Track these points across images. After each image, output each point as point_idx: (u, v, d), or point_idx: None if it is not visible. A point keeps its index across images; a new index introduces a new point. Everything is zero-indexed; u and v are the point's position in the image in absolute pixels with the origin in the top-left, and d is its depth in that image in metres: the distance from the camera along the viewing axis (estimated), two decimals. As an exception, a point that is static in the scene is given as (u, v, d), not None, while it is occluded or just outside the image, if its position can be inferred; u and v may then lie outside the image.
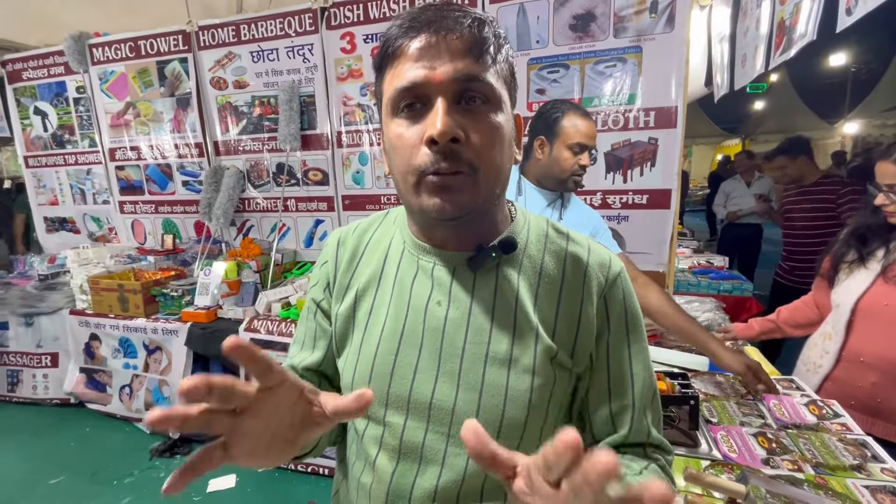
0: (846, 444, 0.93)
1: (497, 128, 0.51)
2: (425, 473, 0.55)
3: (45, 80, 3.31)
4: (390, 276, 0.60)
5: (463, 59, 0.48)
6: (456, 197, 0.50)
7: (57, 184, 3.49)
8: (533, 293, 0.56)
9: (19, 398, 2.98)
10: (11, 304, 2.91)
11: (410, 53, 0.49)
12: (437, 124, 0.47)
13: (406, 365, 0.56)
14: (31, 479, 2.26)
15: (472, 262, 0.56)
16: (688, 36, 1.97)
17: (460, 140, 0.48)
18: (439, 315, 0.55)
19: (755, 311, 2.27)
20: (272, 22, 2.60)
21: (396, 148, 0.51)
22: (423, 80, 0.48)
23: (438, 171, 0.49)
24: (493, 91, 0.50)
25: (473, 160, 0.49)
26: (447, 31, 0.48)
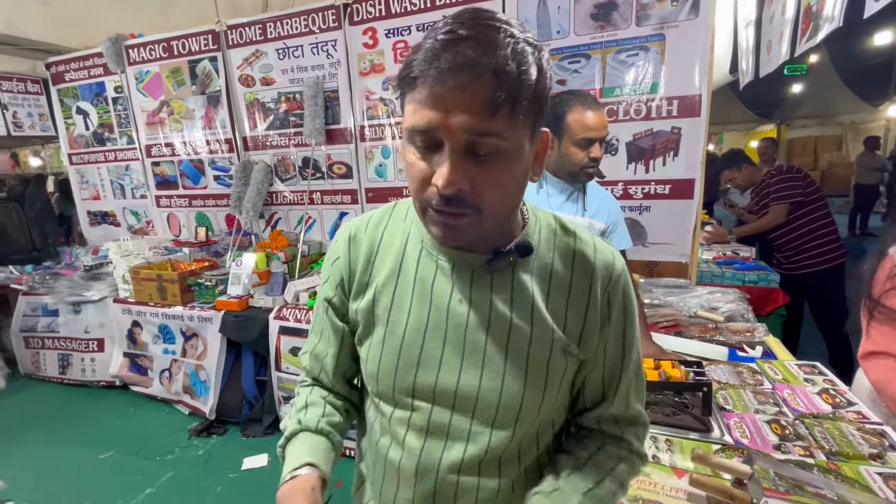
0: (864, 433, 0.93)
1: (508, 177, 0.51)
2: (452, 449, 0.61)
3: (86, 81, 3.49)
4: (409, 273, 0.62)
5: (477, 114, 0.46)
6: (458, 233, 0.53)
7: (98, 179, 3.69)
8: (545, 290, 0.60)
9: (70, 380, 3.21)
10: (61, 292, 3.12)
11: (429, 93, 0.48)
12: (442, 176, 0.48)
13: (431, 358, 0.60)
14: (83, 454, 2.45)
15: (490, 265, 0.59)
16: (713, 22, 1.93)
17: (465, 191, 0.49)
18: (461, 312, 0.59)
19: (781, 302, 2.22)
20: (297, 19, 2.67)
21: (409, 173, 0.53)
22: (435, 126, 0.48)
23: (442, 211, 0.51)
24: (506, 144, 0.49)
25: (479, 204, 0.51)
26: (466, 84, 0.46)
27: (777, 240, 2.73)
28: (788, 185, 2.61)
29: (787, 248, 2.67)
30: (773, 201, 2.64)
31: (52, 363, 3.24)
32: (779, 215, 2.61)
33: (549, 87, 0.52)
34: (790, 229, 2.63)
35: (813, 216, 2.58)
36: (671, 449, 0.90)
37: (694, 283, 2.18)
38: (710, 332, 1.64)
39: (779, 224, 2.64)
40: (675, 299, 1.95)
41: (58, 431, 2.71)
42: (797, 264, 2.63)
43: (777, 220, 2.63)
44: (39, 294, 3.21)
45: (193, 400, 2.74)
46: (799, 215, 2.60)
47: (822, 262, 2.55)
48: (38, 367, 3.29)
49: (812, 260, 2.57)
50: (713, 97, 2.07)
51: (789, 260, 2.67)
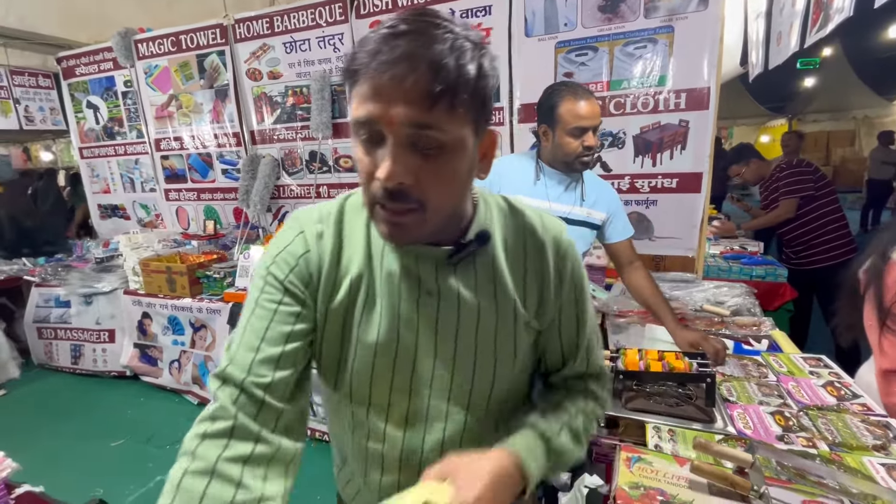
0: (868, 425, 0.93)
1: (450, 171, 0.52)
2: (432, 431, 0.64)
3: (96, 76, 3.52)
4: (377, 270, 0.61)
5: (417, 106, 0.47)
6: (403, 231, 0.53)
7: (109, 173, 3.74)
8: (504, 270, 0.63)
9: (82, 370, 3.27)
10: (73, 284, 3.17)
11: (371, 86, 0.48)
12: (384, 169, 0.49)
13: (406, 354, 0.61)
14: (95, 442, 2.50)
15: (453, 258, 0.60)
16: (722, 13, 1.91)
17: (407, 184, 0.49)
18: (431, 304, 0.61)
19: (789, 297, 2.21)
20: (303, 13, 2.68)
21: (359, 168, 0.54)
22: (376, 118, 0.48)
23: (386, 206, 0.52)
24: (448, 137, 0.49)
25: (422, 199, 0.51)
26: (405, 75, 0.46)
27: (786, 234, 2.70)
28: (798, 179, 2.58)
29: (796, 242, 2.65)
30: (782, 195, 2.61)
31: (65, 353, 3.30)
32: (788, 210, 2.59)
33: (491, 85, 0.52)
34: (799, 224, 2.60)
35: (823, 211, 2.55)
36: (674, 439, 0.91)
37: (700, 277, 2.17)
38: (715, 325, 1.63)
39: (788, 219, 2.61)
40: (681, 293, 1.94)
41: (70, 420, 2.76)
42: (806, 259, 2.60)
43: (786, 214, 2.60)
44: (52, 286, 3.26)
45: (202, 390, 2.78)
46: (808, 210, 2.56)
47: (831, 258, 2.53)
48: (50, 357, 3.36)
49: (821, 255, 2.55)
50: (722, 91, 2.05)
51: (798, 255, 2.65)
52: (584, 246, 1.53)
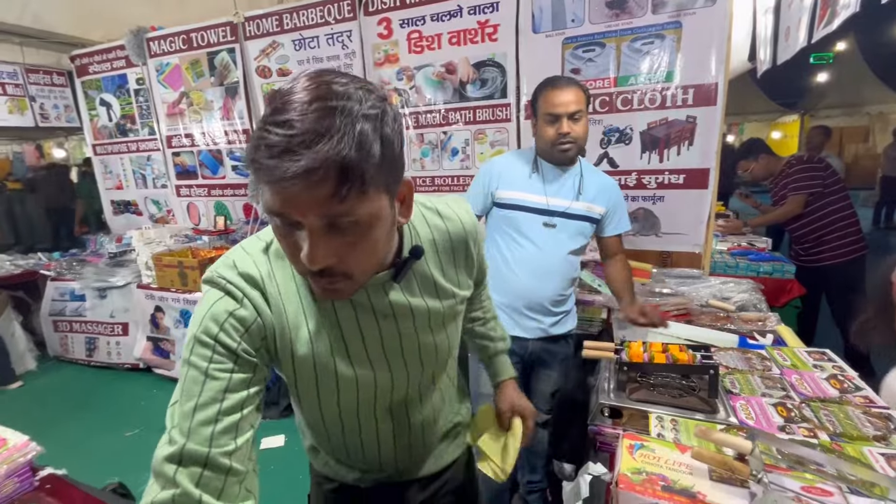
0: (870, 416, 0.94)
1: (371, 242, 0.53)
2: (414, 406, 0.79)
3: (109, 73, 3.58)
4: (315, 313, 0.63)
5: (330, 204, 0.47)
6: (336, 295, 0.58)
7: (121, 169, 3.80)
8: (439, 266, 0.73)
9: (96, 362, 3.34)
10: (87, 278, 3.24)
11: (279, 196, 0.47)
12: (306, 257, 0.50)
13: (384, 380, 0.71)
14: (110, 432, 2.57)
15: (398, 278, 0.66)
16: (731, 9, 1.91)
17: (331, 264, 0.51)
18: (390, 325, 0.68)
19: (796, 293, 2.20)
20: (312, 10, 2.70)
21: (280, 243, 0.55)
22: (290, 213, 0.48)
23: (316, 280, 0.55)
24: (363, 215, 0.50)
25: (348, 272, 0.54)
26: (313, 181, 0.45)
27: (795, 231, 2.67)
28: (808, 175, 2.55)
29: (805, 239, 2.62)
30: (790, 191, 2.59)
31: (80, 346, 3.38)
32: (796, 206, 2.56)
33: (397, 144, 0.52)
34: (809, 221, 2.58)
35: (832, 208, 2.52)
36: (676, 428, 0.93)
37: (707, 273, 2.17)
38: (721, 320, 1.64)
39: (797, 215, 2.59)
40: (687, 289, 1.95)
41: (85, 410, 2.83)
42: (815, 256, 2.58)
43: (794, 210, 2.57)
44: (67, 280, 3.34)
45: (213, 383, 2.83)
46: (818, 206, 2.54)
47: (840, 255, 2.51)
48: (66, 349, 3.44)
49: (830, 252, 2.53)
50: (732, 86, 2.04)
51: (807, 252, 2.63)
52: (583, 240, 1.53)
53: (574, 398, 1.83)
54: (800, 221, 2.61)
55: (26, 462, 1.04)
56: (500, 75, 2.37)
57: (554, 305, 1.54)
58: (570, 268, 1.54)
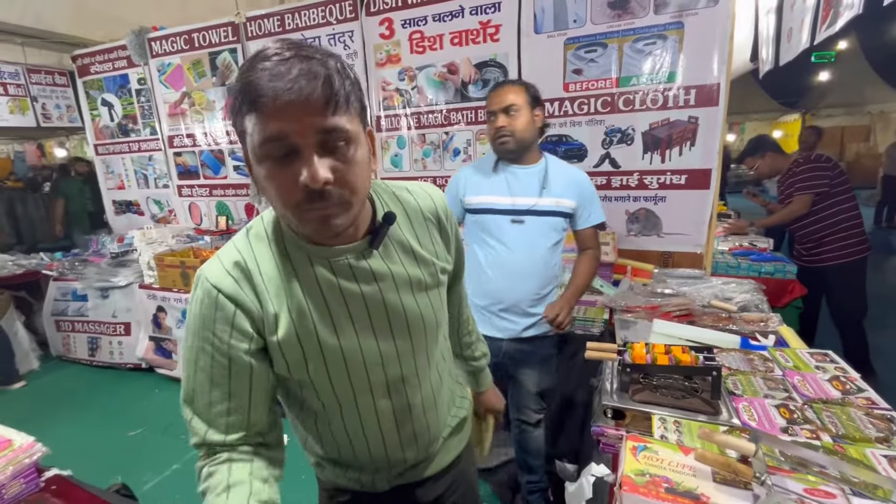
0: (873, 418, 0.94)
1: (359, 162, 0.60)
2: (410, 385, 0.77)
3: (111, 74, 3.59)
4: (297, 287, 0.66)
5: (321, 115, 0.55)
6: (334, 221, 0.60)
7: (123, 170, 3.81)
8: (414, 236, 0.76)
9: (99, 362, 3.35)
10: (89, 278, 3.25)
11: (273, 110, 0.53)
12: (309, 174, 0.55)
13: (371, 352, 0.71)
14: (113, 432, 2.58)
15: (374, 243, 0.69)
16: (733, 9, 1.91)
17: (331, 182, 0.57)
18: (375, 293, 0.70)
19: (798, 293, 2.21)
20: (314, 10, 2.71)
21: (269, 189, 0.59)
22: (288, 132, 0.54)
23: (314, 208, 0.58)
24: (350, 133, 0.58)
25: (343, 195, 0.59)
26: (311, 89, 0.53)
27: (798, 231, 2.65)
28: (815, 174, 2.52)
29: (807, 239, 2.61)
30: (797, 191, 2.56)
31: (82, 346, 3.39)
32: (802, 205, 2.53)
33: (359, 87, 0.61)
34: (812, 220, 2.55)
35: (838, 208, 2.49)
36: (679, 430, 0.93)
37: (709, 273, 2.17)
38: (722, 321, 1.64)
39: (801, 215, 2.56)
40: (689, 289, 1.95)
41: (88, 410, 2.84)
42: (818, 256, 2.57)
43: (800, 210, 2.55)
44: (69, 280, 3.35)
45: (216, 382, 2.83)
46: (823, 206, 2.51)
47: (843, 256, 2.49)
48: (68, 349, 3.45)
49: (834, 252, 2.51)
50: (734, 86, 2.04)
51: (810, 252, 2.61)
52: (556, 236, 1.52)
53: (576, 399, 1.84)
54: (803, 221, 2.59)
55: (32, 463, 1.05)
56: (501, 76, 2.37)
57: (531, 306, 1.52)
58: (545, 266, 1.52)
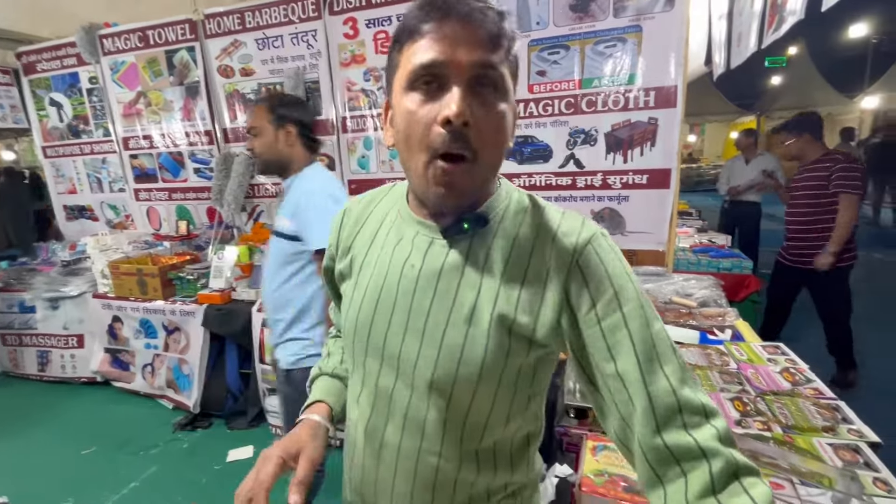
0: (819, 408, 0.98)
1: (503, 116, 0.55)
2: (392, 423, 0.63)
3: (59, 72, 3.39)
4: (380, 240, 0.67)
5: (483, 48, 0.52)
6: (458, 188, 0.55)
7: (74, 173, 3.61)
8: (503, 263, 0.59)
9: (49, 377, 3.16)
10: (37, 288, 3.06)
11: (436, 34, 0.52)
12: (453, 106, 0.51)
13: (382, 320, 0.63)
14: (64, 451, 2.43)
15: (446, 231, 0.61)
16: (687, 14, 1.97)
17: (470, 124, 0.52)
18: (411, 277, 0.61)
19: (754, 288, 2.30)
20: (276, 9, 2.63)
21: (409, 123, 0.55)
22: (444, 61, 0.52)
23: (448, 154, 0.53)
24: (505, 81, 0.54)
25: (477, 146, 0.54)
26: (472, 20, 0.52)
27: (798, 230, 2.50)
28: (858, 174, 2.36)
29: (803, 239, 2.48)
30: (843, 190, 2.35)
31: (31, 360, 3.19)
32: (854, 208, 2.35)
33: (517, 53, 0.58)
34: (815, 220, 2.42)
35: None
36: (639, 427, 0.94)
37: (671, 270, 2.23)
38: (683, 317, 1.69)
39: (810, 213, 2.41)
40: (652, 286, 2.00)
41: (38, 428, 2.67)
42: (809, 258, 2.45)
43: (854, 213, 2.36)
44: (15, 290, 3.14)
45: (177, 394, 2.72)
46: (831, 209, 2.38)
47: (838, 261, 2.40)
48: (16, 364, 3.24)
49: None
50: (693, 88, 2.11)
51: (801, 251, 2.49)
52: (285, 259, 1.40)
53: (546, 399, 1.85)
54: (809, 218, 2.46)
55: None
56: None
57: (276, 333, 1.45)
58: (279, 293, 1.41)
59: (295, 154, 1.45)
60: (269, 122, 1.41)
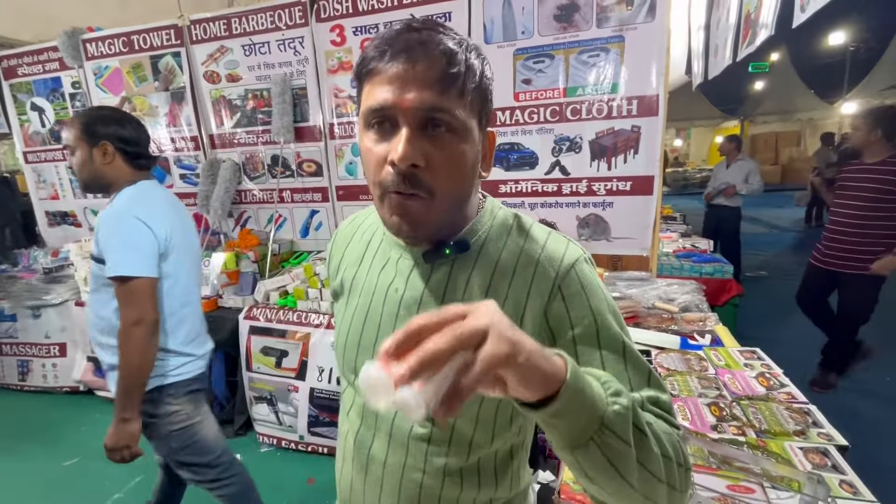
0: (791, 412, 1.01)
1: (458, 156, 0.53)
2: (379, 438, 0.65)
3: (41, 76, 3.34)
4: (367, 262, 0.68)
5: (430, 90, 0.50)
6: (412, 220, 0.54)
7: (57, 178, 3.55)
8: (484, 287, 0.59)
9: (30, 387, 3.10)
10: (18, 296, 3.00)
11: (383, 76, 0.51)
12: (399, 149, 0.50)
13: (368, 342, 0.65)
14: (46, 462, 2.38)
15: (426, 256, 0.61)
16: (668, 25, 2.01)
17: (420, 167, 0.51)
18: (394, 300, 0.63)
19: (735, 292, 2.35)
20: (262, 15, 2.63)
21: (365, 161, 0.56)
22: (391, 105, 0.51)
23: (398, 191, 0.52)
24: (458, 122, 0.52)
25: (431, 185, 0.52)
26: (419, 61, 0.50)
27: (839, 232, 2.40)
28: None
29: (841, 242, 2.41)
30: None
31: (11, 370, 3.12)
32: None
33: (491, 87, 0.57)
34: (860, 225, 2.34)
35: (888, 222, 2.30)
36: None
37: (654, 275, 2.27)
38: (665, 322, 1.72)
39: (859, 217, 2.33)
40: (635, 291, 2.04)
41: (18, 440, 2.61)
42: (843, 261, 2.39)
43: None
44: (-5, 299, 3.08)
45: (162, 403, 2.68)
46: (876, 216, 2.31)
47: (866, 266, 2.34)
48: (-5, 374, 3.17)
49: (863, 263, 2.35)
50: (679, 94, 2.16)
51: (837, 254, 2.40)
52: (97, 283, 1.33)
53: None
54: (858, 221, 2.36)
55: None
56: (454, 84, 2.39)
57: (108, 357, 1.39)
58: (96, 316, 1.36)
59: (114, 172, 1.34)
60: (83, 140, 1.30)
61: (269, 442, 2.45)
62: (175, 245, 1.36)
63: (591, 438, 0.41)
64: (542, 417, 0.41)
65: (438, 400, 0.35)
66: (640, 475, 0.44)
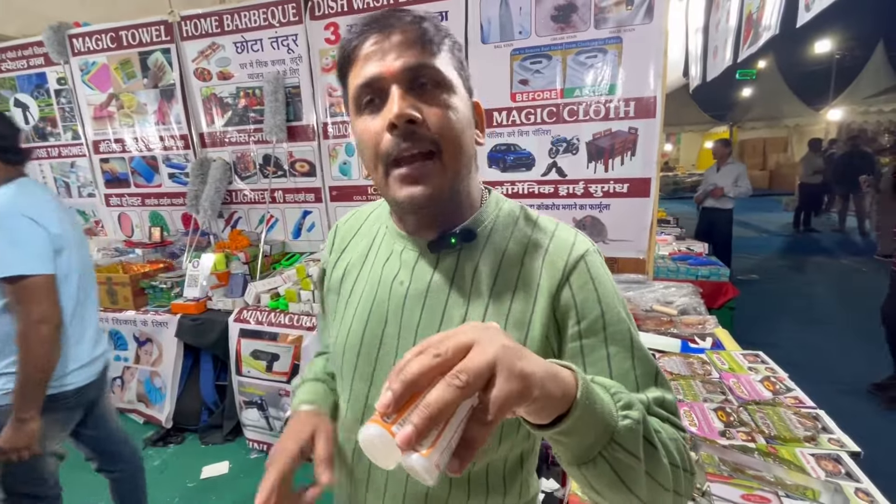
0: (800, 417, 0.99)
1: (451, 107, 0.54)
2: None
3: (25, 72, 3.25)
4: (371, 258, 0.66)
5: (410, 51, 0.53)
6: (425, 184, 0.52)
7: (41, 177, 3.46)
8: (492, 278, 0.58)
9: (10, 392, 2.99)
10: None
11: (364, 54, 0.53)
12: (394, 108, 0.51)
13: (373, 338, 0.61)
14: (25, 470, 2.29)
15: (432, 246, 0.59)
16: (666, 27, 2.01)
17: (417, 121, 0.51)
18: (400, 294, 0.60)
19: (731, 295, 2.35)
20: (255, 12, 2.59)
21: (364, 141, 0.55)
22: (377, 74, 0.52)
23: (403, 156, 0.52)
24: (443, 75, 0.54)
25: (434, 137, 0.52)
26: (393, 31, 0.53)
27: None
28: None
29: None
30: None
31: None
32: None
33: (462, 56, 0.59)
34: None
35: None
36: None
37: (651, 278, 2.26)
38: (664, 325, 1.71)
39: None
40: (633, 294, 2.02)
41: None
42: None
43: None
44: (-26, 300, 2.97)
45: (148, 408, 2.61)
46: None
47: None
48: (-27, 378, 3.05)
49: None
50: (670, 100, 2.14)
51: None
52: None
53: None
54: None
55: None
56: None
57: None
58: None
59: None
60: None
61: (259, 448, 2.39)
62: (68, 242, 1.30)
63: (600, 453, 0.40)
64: (551, 435, 0.39)
65: (450, 455, 0.33)
66: (648, 486, 0.43)
